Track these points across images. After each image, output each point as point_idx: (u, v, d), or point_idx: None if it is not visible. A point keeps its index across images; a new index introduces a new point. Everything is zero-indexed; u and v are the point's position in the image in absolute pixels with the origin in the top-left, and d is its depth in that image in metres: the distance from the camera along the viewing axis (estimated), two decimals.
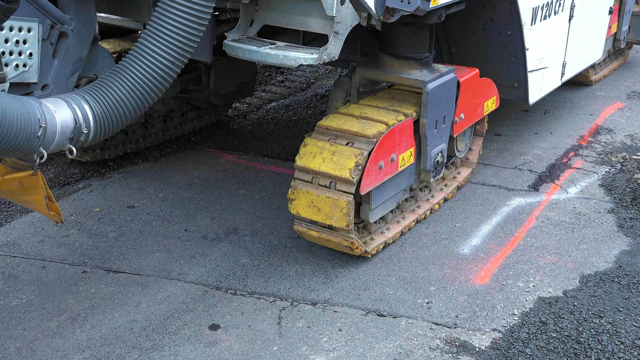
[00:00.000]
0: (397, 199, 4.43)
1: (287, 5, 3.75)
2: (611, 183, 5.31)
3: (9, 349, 3.52)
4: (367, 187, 3.96)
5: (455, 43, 5.36)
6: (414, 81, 4.38)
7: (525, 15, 4.96)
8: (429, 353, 3.53)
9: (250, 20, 3.89)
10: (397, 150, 4.16)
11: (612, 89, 7.42)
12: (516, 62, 5.19)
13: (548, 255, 4.39)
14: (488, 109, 5.10)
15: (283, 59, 3.60)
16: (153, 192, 5.11)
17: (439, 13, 4.25)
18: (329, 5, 3.52)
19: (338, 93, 4.67)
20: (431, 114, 4.38)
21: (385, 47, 4.57)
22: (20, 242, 4.45)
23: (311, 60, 3.55)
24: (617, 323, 3.74)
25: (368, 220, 4.21)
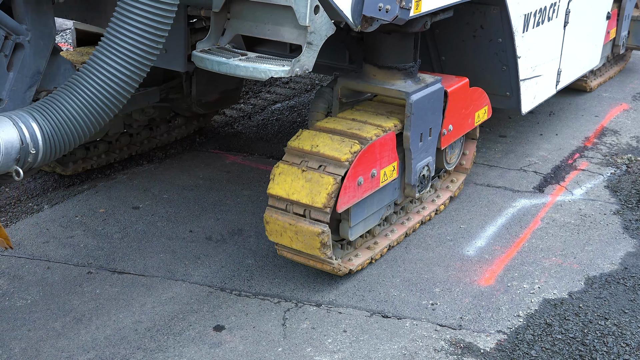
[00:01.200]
0: (380, 215, 4.25)
1: (260, 14, 3.53)
2: (617, 185, 5.30)
3: (14, 350, 3.53)
4: (344, 204, 3.78)
5: (445, 51, 5.18)
6: (397, 92, 4.20)
7: (517, 22, 4.81)
8: (434, 354, 3.52)
9: (222, 30, 3.69)
10: (378, 165, 3.97)
11: (618, 91, 7.40)
12: (508, 70, 5.04)
13: (553, 257, 4.38)
14: (479, 119, 4.93)
15: (253, 71, 3.40)
16: (158, 193, 5.12)
17: (424, 21, 4.09)
18: (302, 14, 3.31)
19: (319, 104, 4.49)
20: (415, 126, 4.20)
21: (368, 57, 4.40)
22: (25, 242, 4.45)
23: (282, 73, 3.35)
24: (623, 325, 3.73)
25: (347, 238, 4.03)
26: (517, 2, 4.71)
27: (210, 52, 3.59)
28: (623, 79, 7.79)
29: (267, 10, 3.47)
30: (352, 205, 3.89)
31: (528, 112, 5.47)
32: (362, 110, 4.31)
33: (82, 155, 5.20)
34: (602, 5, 6.39)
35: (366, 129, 4.00)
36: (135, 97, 5.03)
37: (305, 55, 3.40)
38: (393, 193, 4.31)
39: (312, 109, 4.52)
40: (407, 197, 4.50)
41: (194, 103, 5.58)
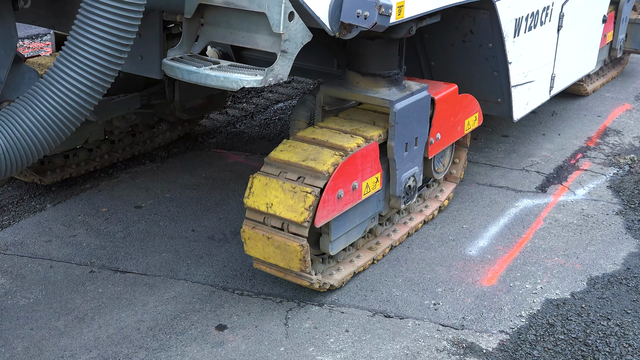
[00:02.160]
0: (363, 228, 4.10)
1: (234, 20, 3.38)
2: (619, 185, 5.29)
3: (16, 348, 3.53)
4: (323, 219, 3.64)
5: (434, 56, 5.03)
6: (380, 100, 4.05)
7: (507, 26, 4.67)
8: (436, 354, 3.52)
9: (195, 36, 3.55)
10: (359, 177, 3.83)
11: (621, 91, 7.40)
12: (499, 76, 4.90)
13: (556, 257, 4.37)
14: (469, 127, 4.78)
15: (224, 81, 3.25)
16: (160, 192, 5.12)
17: (408, 27, 3.94)
18: (275, 21, 3.16)
19: (301, 112, 4.37)
20: (400, 136, 4.05)
21: (351, 63, 4.26)
22: (27, 241, 4.46)
23: (254, 83, 3.20)
24: (625, 325, 3.73)
25: (328, 252, 3.90)
26: (507, 6, 4.60)
27: (181, 60, 3.45)
28: (626, 79, 7.79)
29: (241, 16, 3.33)
30: (333, 219, 3.77)
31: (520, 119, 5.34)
32: (344, 119, 4.18)
33: (61, 163, 5.06)
34: (598, 8, 6.26)
35: (347, 139, 3.87)
36: (115, 104, 4.95)
37: (280, 64, 3.24)
38: (377, 205, 4.17)
39: (294, 117, 4.40)
40: (392, 209, 4.37)
41: (178, 109, 5.46)
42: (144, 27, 3.73)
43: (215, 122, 6.41)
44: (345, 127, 4.03)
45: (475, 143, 6.03)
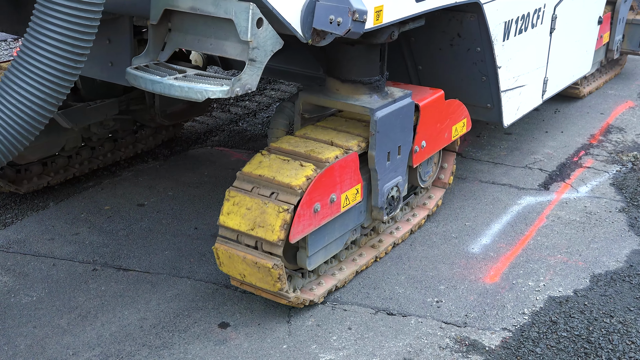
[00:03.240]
0: (343, 241, 3.94)
1: (202, 27, 3.21)
2: (622, 182, 5.29)
3: (19, 346, 3.54)
4: (298, 234, 3.47)
5: (421, 60, 4.86)
6: (361, 108, 3.88)
7: (496, 30, 4.50)
8: (439, 352, 3.52)
9: (162, 43, 3.37)
10: (338, 189, 3.66)
11: (624, 88, 7.39)
12: (488, 81, 4.72)
13: (558, 255, 4.37)
14: (457, 133, 4.60)
15: (188, 91, 3.06)
16: (163, 190, 5.12)
17: (390, 32, 3.77)
18: (243, 28, 2.97)
19: (279, 120, 4.21)
20: (381, 145, 3.88)
21: (331, 69, 4.08)
22: (30, 239, 4.46)
23: (220, 94, 3.02)
24: (628, 323, 3.72)
25: (305, 267, 3.74)
26: (495, 9, 4.43)
27: (145, 69, 3.26)
28: (629, 76, 7.78)
29: (208, 22, 3.17)
30: (310, 233, 3.61)
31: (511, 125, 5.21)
32: (322, 128, 4.01)
33: (38, 171, 4.92)
34: (593, 9, 6.09)
35: (325, 150, 3.71)
36: (92, 110, 4.85)
37: (248, 73, 3.05)
38: (358, 217, 4.00)
39: (272, 126, 4.24)
40: (374, 220, 4.19)
41: (158, 114, 5.34)
42: (113, 33, 3.65)
43: (218, 120, 6.42)
44: (323, 137, 3.86)
45: (478, 140, 6.02)
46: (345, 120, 4.12)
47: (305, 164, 3.59)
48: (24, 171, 4.88)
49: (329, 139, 3.83)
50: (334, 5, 3.12)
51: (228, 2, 2.97)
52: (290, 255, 3.71)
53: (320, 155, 3.64)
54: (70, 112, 4.67)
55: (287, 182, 3.48)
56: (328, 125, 4.05)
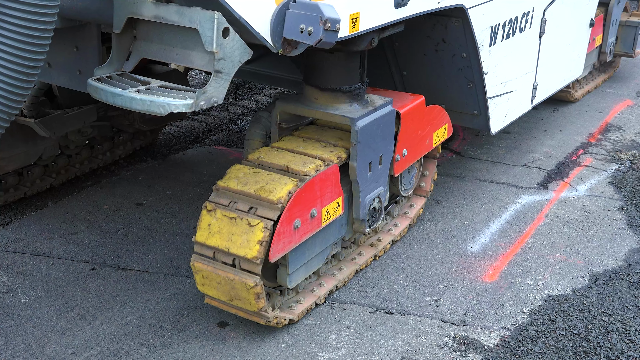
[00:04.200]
0: (324, 256, 3.81)
1: (167, 36, 3.05)
2: (621, 181, 5.29)
3: (18, 346, 3.54)
4: (278, 252, 3.34)
5: (406, 65, 4.71)
6: (341, 118, 3.73)
7: (482, 35, 4.34)
8: (437, 351, 3.52)
9: (127, 52, 3.20)
10: (318, 203, 3.52)
11: (622, 87, 7.39)
12: (474, 87, 4.57)
13: (557, 253, 4.37)
14: (438, 139, 4.45)
15: (150, 105, 2.90)
16: (162, 189, 5.12)
17: (370, 38, 3.62)
18: (208, 38, 2.81)
19: (256, 131, 4.03)
20: (363, 155, 3.73)
21: (309, 77, 3.91)
22: (29, 239, 4.46)
23: (183, 108, 2.87)
24: (627, 321, 3.73)
25: (286, 286, 3.61)
26: (481, 13, 4.27)
27: (107, 80, 3.09)
28: (627, 75, 7.78)
29: (175, 31, 3.01)
30: (290, 250, 3.48)
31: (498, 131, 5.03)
32: (300, 139, 3.86)
33: (14, 182, 4.74)
34: (584, 12, 5.93)
35: (304, 162, 3.56)
36: (69, 118, 4.69)
37: (213, 85, 2.89)
38: (339, 230, 3.86)
39: (248, 137, 4.05)
40: (356, 233, 4.06)
41: (137, 120, 5.22)
42: (81, 40, 3.53)
43: (217, 119, 6.41)
44: (301, 148, 3.71)
45: (476, 139, 6.03)
46: (324, 129, 3.97)
47: (284, 177, 3.45)
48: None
49: (307, 151, 3.68)
50: (304, 13, 2.96)
51: (192, 10, 2.83)
52: (269, 273, 3.58)
53: (299, 168, 3.49)
54: (47, 121, 4.53)
55: (266, 197, 3.34)
56: (305, 135, 3.89)
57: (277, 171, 3.53)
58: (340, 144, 3.79)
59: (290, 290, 3.74)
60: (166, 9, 2.91)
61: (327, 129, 3.98)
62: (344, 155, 3.71)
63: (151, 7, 2.95)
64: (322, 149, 3.72)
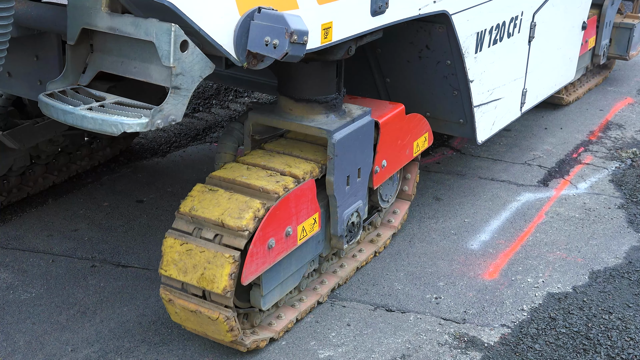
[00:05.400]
0: (301, 274, 3.65)
1: (125, 48, 2.85)
2: (621, 179, 5.29)
3: (18, 343, 3.54)
4: (251, 275, 3.15)
5: (389, 72, 4.52)
6: (317, 130, 3.54)
7: (467, 42, 4.16)
8: (438, 348, 3.52)
9: (83, 65, 3.00)
10: (294, 221, 3.33)
11: (623, 85, 7.38)
12: (459, 95, 4.38)
13: (557, 251, 4.37)
14: (419, 148, 4.28)
15: (102, 124, 2.72)
16: (162, 186, 5.12)
17: (346, 47, 3.43)
18: (164, 52, 2.61)
19: (227, 143, 3.81)
20: (340, 169, 3.54)
21: (283, 87, 3.72)
22: (29, 236, 4.46)
23: (138, 127, 2.68)
24: (627, 319, 3.73)
25: (260, 307, 3.41)
26: (466, 19, 4.09)
27: (59, 96, 2.89)
28: (628, 72, 7.77)
29: (132, 44, 2.82)
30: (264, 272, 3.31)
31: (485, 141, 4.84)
32: (274, 152, 3.64)
33: (16, 183, 4.72)
34: (576, 14, 5.73)
35: (277, 179, 3.35)
36: (40, 128, 4.54)
37: (171, 102, 2.69)
38: (316, 247, 3.69)
39: (219, 149, 3.84)
40: (333, 249, 3.90)
41: None
42: (41, 49, 3.42)
43: (217, 117, 6.41)
44: (275, 163, 3.50)
45: None
46: (299, 141, 3.76)
47: (253, 198, 3.23)
48: None
49: (281, 166, 3.48)
50: (269, 25, 2.75)
51: (148, 22, 2.64)
52: (244, 293, 3.42)
53: (271, 187, 3.27)
54: (16, 132, 4.41)
55: (233, 224, 3.11)
56: (280, 148, 3.69)
57: (246, 190, 3.30)
58: (317, 156, 3.60)
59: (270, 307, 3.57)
60: (121, 20, 2.74)
61: (303, 142, 3.77)
62: (317, 171, 3.52)
63: (106, 17, 2.76)
64: (297, 163, 3.52)
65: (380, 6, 3.38)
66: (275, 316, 3.59)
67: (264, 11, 2.78)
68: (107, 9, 2.76)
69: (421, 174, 5.30)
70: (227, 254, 3.08)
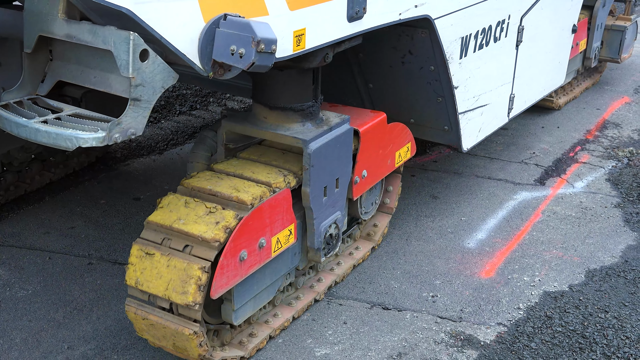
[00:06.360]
0: (275, 287, 3.49)
1: (84, 56, 2.70)
2: (618, 178, 5.30)
3: (15, 340, 3.54)
4: (221, 288, 2.99)
5: (372, 77, 4.37)
6: (292, 139, 3.38)
7: (451, 47, 4.01)
8: (434, 347, 3.53)
9: (42, 74, 2.85)
10: (267, 232, 3.18)
11: (620, 84, 7.39)
12: (444, 102, 4.24)
13: (554, 250, 4.38)
14: (401, 159, 4.13)
15: (56, 138, 2.57)
16: (159, 184, 5.12)
17: (323, 54, 3.27)
18: (123, 61, 2.45)
19: (200, 152, 3.65)
20: (316, 180, 3.39)
21: (257, 95, 3.55)
22: (26, 233, 4.46)
23: (94, 142, 2.53)
24: (623, 318, 3.73)
25: (231, 323, 3.27)
26: (450, 24, 3.93)
27: (15, 107, 2.76)
28: (625, 72, 7.78)
29: (91, 52, 2.67)
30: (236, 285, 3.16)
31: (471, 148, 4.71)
32: (248, 160, 3.48)
33: (13, 180, 4.66)
34: (566, 17, 5.58)
35: (250, 188, 3.19)
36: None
37: (130, 115, 2.54)
38: (292, 260, 3.55)
39: (191, 159, 3.67)
40: (310, 262, 3.75)
41: None
42: (2, 55, 3.33)
43: (214, 115, 6.41)
44: (248, 172, 3.35)
45: None
46: (274, 149, 3.62)
47: (224, 210, 3.08)
48: None
49: (254, 175, 3.33)
50: (235, 33, 2.59)
51: (106, 30, 2.50)
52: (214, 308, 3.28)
53: (244, 196, 3.12)
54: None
55: (202, 234, 2.98)
56: (253, 156, 3.53)
57: (218, 200, 3.17)
58: (293, 165, 3.45)
59: (243, 322, 3.44)
60: (79, 28, 2.58)
61: (277, 149, 3.62)
62: (296, 179, 3.38)
63: (63, 25, 2.62)
64: (272, 172, 3.38)
65: (357, 11, 3.22)
66: (248, 333, 3.46)
67: (230, 18, 2.63)
68: (64, 15, 2.61)
69: (418, 172, 5.31)
70: (196, 264, 2.95)
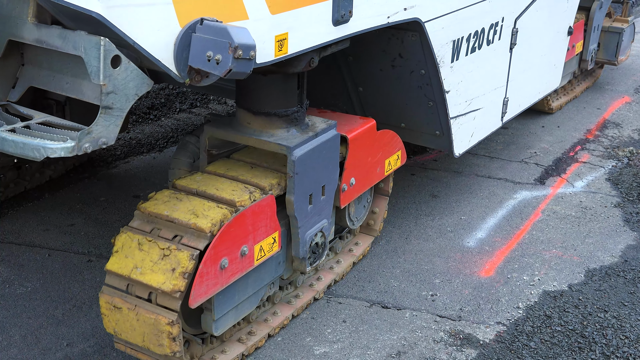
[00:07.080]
0: (258, 298, 3.37)
1: (56, 62, 2.61)
2: (618, 177, 5.30)
3: (14, 337, 3.53)
4: (200, 297, 2.90)
5: (362, 81, 4.26)
6: (276, 146, 3.26)
7: (442, 51, 3.90)
8: (433, 345, 3.53)
9: (13, 79, 2.76)
10: (250, 239, 3.08)
11: (620, 83, 7.39)
12: (435, 106, 4.13)
13: (553, 249, 4.38)
14: (391, 167, 4.03)
15: (23, 147, 2.45)
16: (158, 182, 5.11)
17: (308, 59, 3.18)
18: (94, 68, 2.34)
19: (182, 159, 3.60)
20: (301, 188, 3.29)
21: (241, 100, 3.46)
22: (25, 230, 4.46)
23: (62, 152, 2.41)
24: (622, 317, 3.73)
25: (211, 333, 3.16)
26: (441, 27, 3.83)
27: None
28: (625, 71, 7.78)
29: (63, 58, 2.57)
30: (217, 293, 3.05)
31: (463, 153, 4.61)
32: (213, 175, 3.35)
33: (13, 177, 4.64)
34: (562, 19, 5.44)
35: (210, 211, 3.04)
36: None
37: (101, 124, 2.43)
38: (276, 269, 3.44)
39: (173, 165, 3.64)
40: (295, 271, 3.65)
41: None
42: None
43: (214, 112, 6.40)
44: (211, 189, 3.22)
45: None
46: (259, 154, 3.51)
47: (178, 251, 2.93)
48: None
49: (218, 193, 3.18)
50: (211, 38, 2.49)
51: (76, 35, 2.39)
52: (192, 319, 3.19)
53: (202, 223, 2.97)
54: None
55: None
56: (237, 162, 3.46)
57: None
58: (276, 173, 3.36)
59: (214, 339, 3.32)
60: (48, 32, 2.49)
61: (263, 155, 3.52)
62: (277, 187, 3.28)
63: (32, 29, 2.52)
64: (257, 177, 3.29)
65: (343, 15, 3.10)
66: (220, 350, 3.33)
67: (207, 23, 2.52)
68: (34, 19, 2.52)
69: (418, 170, 5.31)
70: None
